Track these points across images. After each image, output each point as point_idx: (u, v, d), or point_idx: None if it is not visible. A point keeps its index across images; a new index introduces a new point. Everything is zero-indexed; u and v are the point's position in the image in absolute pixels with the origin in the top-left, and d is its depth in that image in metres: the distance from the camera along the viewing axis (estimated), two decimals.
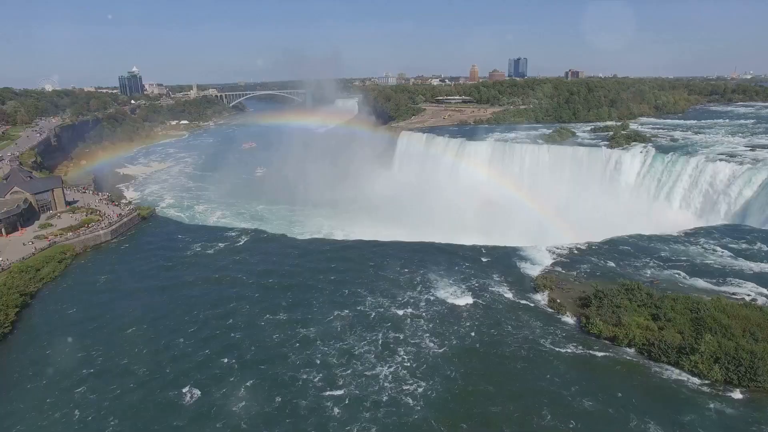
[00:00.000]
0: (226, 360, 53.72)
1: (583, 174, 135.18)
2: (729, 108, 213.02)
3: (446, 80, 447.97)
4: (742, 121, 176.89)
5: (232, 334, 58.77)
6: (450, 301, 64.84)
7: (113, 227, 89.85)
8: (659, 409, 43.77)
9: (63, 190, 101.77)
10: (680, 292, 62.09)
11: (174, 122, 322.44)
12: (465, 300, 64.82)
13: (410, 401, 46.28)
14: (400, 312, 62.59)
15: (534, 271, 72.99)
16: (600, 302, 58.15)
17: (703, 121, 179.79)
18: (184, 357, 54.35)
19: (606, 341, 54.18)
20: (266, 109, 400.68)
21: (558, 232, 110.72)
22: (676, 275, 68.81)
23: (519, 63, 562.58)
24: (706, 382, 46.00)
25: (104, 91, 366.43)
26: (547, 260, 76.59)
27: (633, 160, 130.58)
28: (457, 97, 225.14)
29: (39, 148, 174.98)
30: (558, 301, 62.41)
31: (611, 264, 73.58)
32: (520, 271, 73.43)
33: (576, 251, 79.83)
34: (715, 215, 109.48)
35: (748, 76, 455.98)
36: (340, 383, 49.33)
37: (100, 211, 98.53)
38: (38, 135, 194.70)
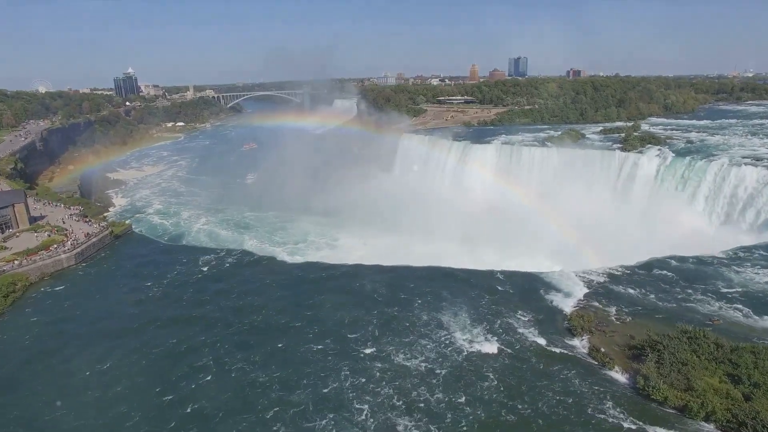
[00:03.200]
0: None
1: (597, 179, 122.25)
2: (740, 107, 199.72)
3: (446, 80, 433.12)
4: (758, 121, 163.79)
5: (202, 401, 45.70)
6: (469, 348, 51.80)
7: (78, 250, 76.38)
8: None
9: (26, 204, 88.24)
10: (750, 337, 49.21)
11: (170, 124, 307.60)
12: (487, 347, 51.81)
13: None
14: (408, 365, 49.54)
15: (565, 305, 59.99)
16: (659, 356, 45.18)
17: (715, 121, 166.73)
18: None
19: (673, 411, 41.31)
20: (264, 110, 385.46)
21: (574, 244, 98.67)
22: (738, 312, 55.80)
23: (519, 62, 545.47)
24: None
25: (99, 92, 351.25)
26: (579, 290, 63.61)
27: (649, 164, 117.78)
28: (458, 98, 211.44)
29: (21, 154, 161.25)
30: (602, 350, 49.44)
31: (653, 297, 60.50)
32: (548, 305, 60.41)
33: (609, 278, 66.80)
34: (741, 225, 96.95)
35: (750, 74, 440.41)
36: None
37: (67, 230, 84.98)
38: (23, 139, 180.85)
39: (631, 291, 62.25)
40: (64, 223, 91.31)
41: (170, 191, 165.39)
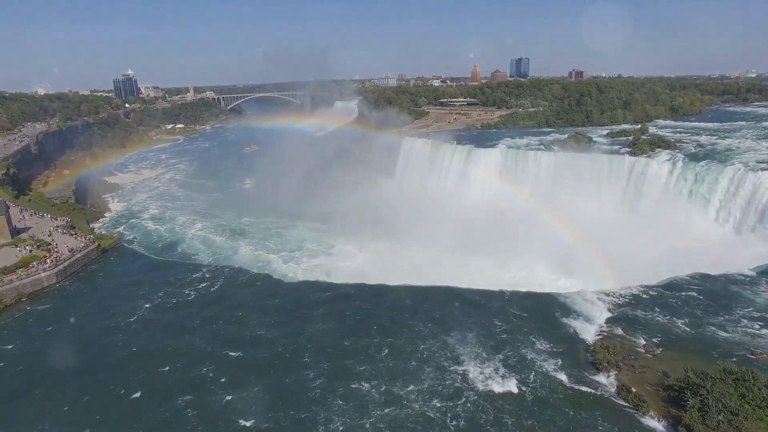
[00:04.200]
0: None
1: (606, 186, 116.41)
2: (747, 109, 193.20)
3: (447, 81, 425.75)
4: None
5: None
6: (482, 386, 45.70)
7: (60, 267, 70.15)
8: None
9: (8, 216, 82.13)
10: None
11: (169, 126, 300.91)
12: (502, 385, 45.73)
13: None
14: (415, 407, 43.45)
15: (586, 332, 53.87)
16: (702, 401, 39.14)
17: (724, 123, 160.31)
18: None
19: None
20: (264, 112, 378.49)
21: (584, 254, 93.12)
22: None
23: (521, 63, 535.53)
24: None
25: (99, 94, 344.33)
26: (600, 314, 57.50)
27: (660, 169, 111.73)
28: (461, 99, 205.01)
29: (15, 158, 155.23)
30: (633, 390, 43.37)
31: (681, 323, 54.24)
32: (568, 332, 54.29)
33: (630, 300, 60.64)
34: (760, 234, 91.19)
35: (753, 75, 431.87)
36: None
37: (51, 244, 78.77)
38: (17, 143, 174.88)
39: (656, 316, 56.10)
40: (50, 235, 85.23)
41: (167, 195, 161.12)
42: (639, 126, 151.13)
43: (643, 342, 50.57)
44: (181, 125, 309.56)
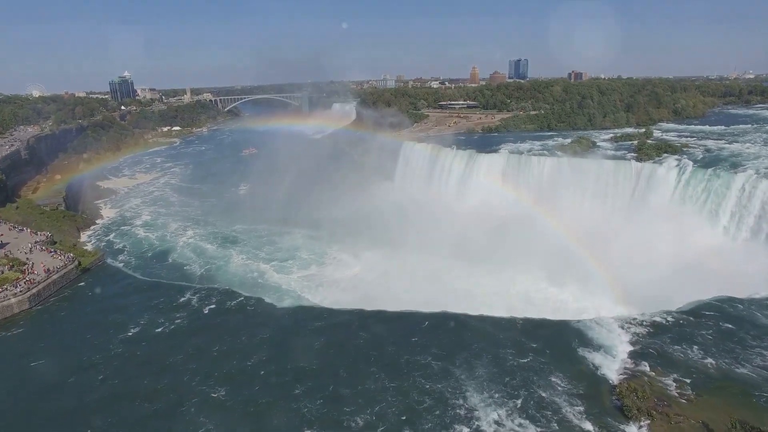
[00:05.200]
0: None
1: (612, 192, 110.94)
2: (751, 111, 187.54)
3: (446, 82, 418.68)
4: None
5: None
6: None
7: (34, 290, 63.87)
8: None
9: None
10: None
11: (166, 128, 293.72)
12: None
13: None
14: None
15: (608, 369, 47.82)
16: None
17: (730, 127, 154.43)
18: None
19: None
20: (262, 114, 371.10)
21: (590, 262, 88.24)
22: None
23: (520, 64, 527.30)
24: None
25: (95, 96, 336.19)
26: (621, 347, 51.44)
27: (668, 175, 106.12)
28: (461, 102, 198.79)
29: (3, 164, 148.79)
30: None
31: (713, 358, 47.81)
32: (589, 368, 48.24)
33: (653, 329, 54.29)
34: None
35: (751, 76, 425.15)
36: None
37: (27, 263, 72.27)
38: (7, 147, 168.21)
39: (685, 349, 50.11)
40: (30, 252, 78.88)
41: (161, 201, 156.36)
42: (643, 130, 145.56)
43: (674, 383, 44.68)
44: (178, 128, 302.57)
